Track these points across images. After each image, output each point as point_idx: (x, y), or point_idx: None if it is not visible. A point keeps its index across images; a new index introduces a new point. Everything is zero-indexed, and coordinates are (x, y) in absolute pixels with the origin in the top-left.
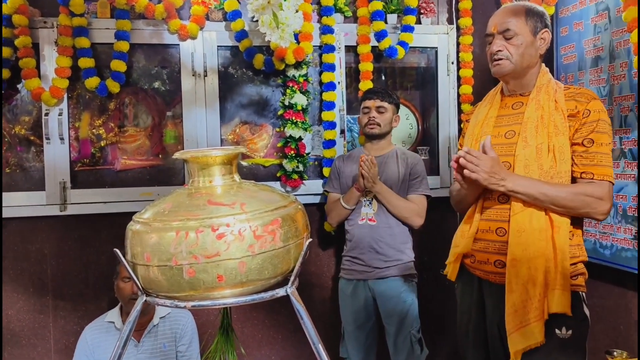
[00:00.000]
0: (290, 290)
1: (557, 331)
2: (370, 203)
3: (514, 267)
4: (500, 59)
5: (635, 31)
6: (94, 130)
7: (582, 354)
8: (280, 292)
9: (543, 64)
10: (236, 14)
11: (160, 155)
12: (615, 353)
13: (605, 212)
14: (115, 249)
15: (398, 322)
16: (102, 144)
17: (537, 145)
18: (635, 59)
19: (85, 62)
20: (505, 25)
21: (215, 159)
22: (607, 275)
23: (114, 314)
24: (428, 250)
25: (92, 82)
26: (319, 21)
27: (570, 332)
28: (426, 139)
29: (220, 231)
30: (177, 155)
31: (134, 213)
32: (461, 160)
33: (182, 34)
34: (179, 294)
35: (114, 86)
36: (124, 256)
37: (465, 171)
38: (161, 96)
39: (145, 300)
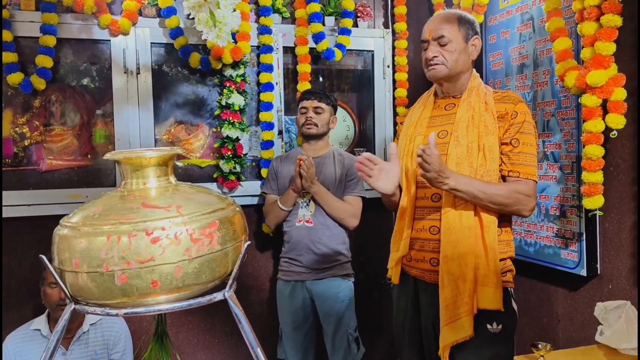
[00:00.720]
0: (228, 294)
1: (488, 326)
2: (307, 205)
3: (446, 264)
4: (436, 64)
5: (558, 40)
6: (17, 129)
7: (511, 347)
8: (218, 296)
9: (474, 69)
10: (171, 11)
11: (89, 156)
12: (539, 345)
13: (532, 209)
14: (41, 255)
15: (335, 321)
16: (26, 143)
17: (468, 144)
18: (558, 66)
19: (7, 57)
20: (440, 32)
21: (149, 160)
22: (531, 271)
23: (40, 322)
24: (365, 250)
25: (15, 77)
26: (256, 21)
27: (500, 326)
28: (363, 140)
29: (154, 235)
30: (108, 156)
31: (60, 216)
32: (418, 160)
33: (113, 29)
34: (111, 301)
35: (39, 82)
36: (50, 262)
37: (420, 171)
38: (90, 94)
39: (74, 309)
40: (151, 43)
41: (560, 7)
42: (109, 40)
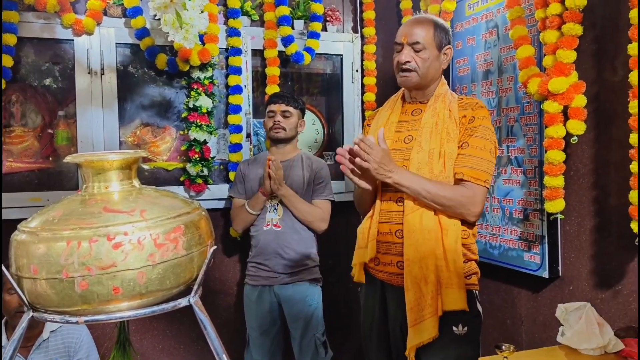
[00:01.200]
0: (194, 299)
1: (454, 328)
2: (275, 208)
3: (409, 267)
4: (409, 70)
5: (521, 48)
6: None
7: (476, 348)
8: (182, 302)
9: (442, 76)
10: (137, 11)
11: (50, 158)
12: (503, 347)
13: (477, 215)
14: None
15: (303, 326)
16: None
17: (430, 150)
18: (521, 73)
19: None
20: (415, 37)
21: (112, 163)
22: (496, 273)
23: None
24: (333, 254)
25: None
26: (225, 23)
27: (466, 328)
28: (332, 144)
29: (116, 240)
30: (69, 158)
31: (20, 221)
32: (355, 148)
33: (77, 28)
34: (71, 309)
35: None
36: (7, 268)
37: (357, 159)
38: (53, 94)
39: (32, 316)
40: (116, 43)
41: (524, 16)
42: (72, 40)
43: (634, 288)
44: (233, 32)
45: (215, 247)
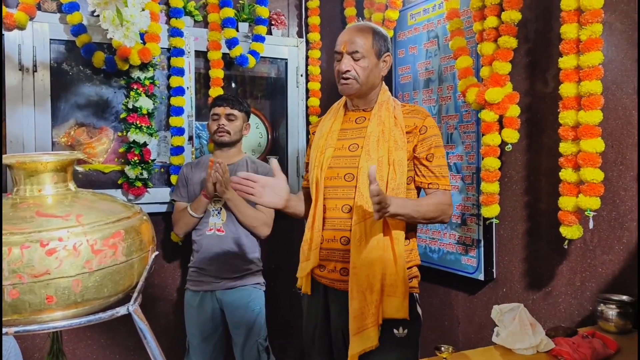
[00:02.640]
0: (133, 308)
1: (394, 331)
2: (219, 213)
3: (355, 275)
4: (348, 79)
5: (460, 58)
6: None
7: (416, 350)
8: (121, 310)
9: (383, 82)
10: (73, 6)
11: None
12: (442, 348)
13: (451, 215)
14: None
15: (246, 331)
16: None
17: (379, 159)
18: (460, 82)
19: None
20: (354, 46)
21: (46, 165)
22: (435, 276)
23: None
24: (276, 259)
25: None
26: (167, 22)
27: (406, 331)
28: (275, 148)
29: (50, 246)
30: None
31: None
32: (376, 207)
33: (8, 23)
34: None
35: None
36: None
37: (377, 215)
38: None
39: None
40: (50, 39)
41: (463, 28)
42: (3, 35)
43: (563, 289)
44: (175, 32)
45: (157, 252)
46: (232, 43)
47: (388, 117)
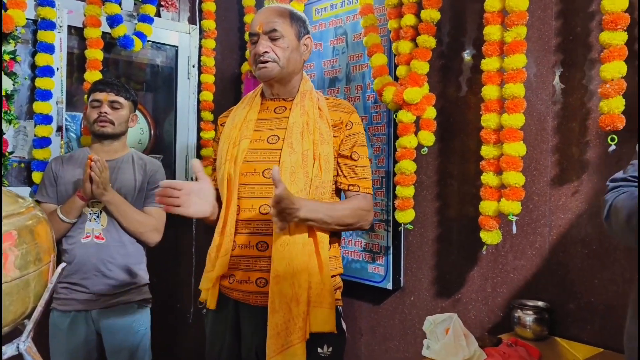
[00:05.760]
0: (25, 346)
1: (319, 350)
2: (98, 217)
3: (277, 285)
4: (267, 61)
5: (375, 56)
6: None
7: None
8: (8, 350)
9: (304, 72)
10: None
11: None
12: None
13: (371, 222)
14: None
15: (127, 357)
16: None
17: (303, 152)
18: (375, 81)
19: None
20: (272, 25)
21: None
22: None
23: None
24: (160, 270)
25: None
26: None
27: (331, 349)
28: (160, 146)
29: None
30: None
31: None
32: (276, 207)
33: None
34: None
35: None
36: None
37: (280, 225)
38: None
39: None
40: None
41: (377, 24)
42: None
43: (473, 296)
44: (45, 2)
45: (64, 264)
46: (114, 20)
47: (312, 108)
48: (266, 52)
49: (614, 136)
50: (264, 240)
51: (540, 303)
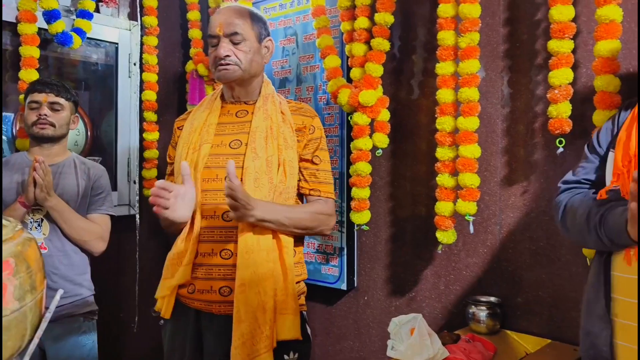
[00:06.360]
0: None
1: (285, 357)
2: (39, 225)
3: (243, 293)
4: (229, 64)
5: (329, 57)
6: None
7: None
8: None
9: (265, 74)
10: None
11: None
12: None
13: (332, 227)
14: None
15: None
16: None
17: (267, 158)
18: (330, 83)
19: None
20: (233, 27)
21: None
22: None
23: None
24: (102, 278)
25: None
26: None
27: (297, 355)
28: (98, 148)
29: None
30: None
31: None
32: (228, 201)
33: None
34: None
35: None
36: None
37: (234, 214)
38: None
39: None
40: None
41: (330, 26)
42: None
43: (427, 294)
44: None
45: (61, 290)
46: (51, 16)
47: (275, 112)
48: (227, 55)
49: (562, 139)
50: (227, 248)
51: (492, 298)
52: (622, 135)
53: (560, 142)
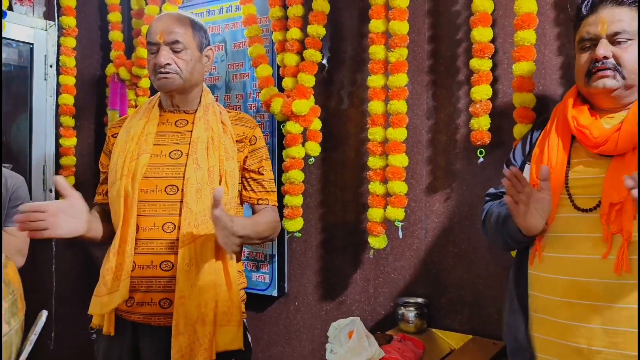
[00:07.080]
0: None
1: None
2: None
3: (182, 306)
4: (169, 73)
5: (261, 67)
6: None
7: None
8: None
9: (204, 84)
10: None
11: None
12: None
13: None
14: None
15: None
16: None
17: (209, 168)
18: (262, 92)
19: None
20: (174, 36)
21: None
22: None
23: None
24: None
25: None
26: None
27: None
28: (9, 154)
29: None
30: None
31: None
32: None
33: None
34: None
35: None
36: None
37: (221, 241)
38: None
39: None
40: None
41: (261, 35)
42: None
43: (357, 297)
44: None
45: (46, 312)
46: None
47: (216, 123)
48: (168, 64)
49: (482, 149)
50: (168, 260)
51: (420, 299)
52: (536, 151)
53: (481, 153)
